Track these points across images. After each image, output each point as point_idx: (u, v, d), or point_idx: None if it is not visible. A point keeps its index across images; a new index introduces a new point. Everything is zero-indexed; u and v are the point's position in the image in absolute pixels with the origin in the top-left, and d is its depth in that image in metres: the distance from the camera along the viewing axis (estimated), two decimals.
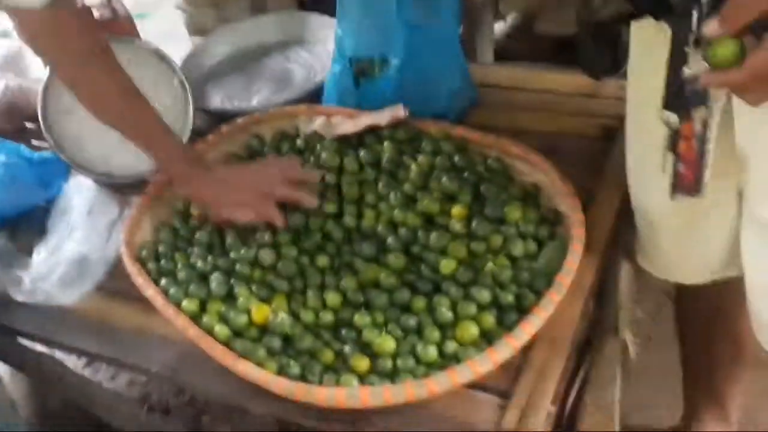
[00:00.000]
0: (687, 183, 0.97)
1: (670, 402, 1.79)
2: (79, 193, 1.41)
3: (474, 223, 1.18)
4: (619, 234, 1.27)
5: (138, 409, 1.31)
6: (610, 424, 1.17)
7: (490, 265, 1.13)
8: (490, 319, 1.07)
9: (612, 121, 1.43)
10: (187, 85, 1.48)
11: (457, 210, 1.20)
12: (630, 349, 1.67)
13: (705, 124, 0.91)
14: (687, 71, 0.86)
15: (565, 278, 1.08)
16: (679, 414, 1.73)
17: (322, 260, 1.21)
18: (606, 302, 1.28)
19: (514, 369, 1.05)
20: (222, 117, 1.57)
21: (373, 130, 1.39)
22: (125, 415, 1.30)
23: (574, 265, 1.09)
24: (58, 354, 1.31)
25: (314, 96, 1.58)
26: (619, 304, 1.32)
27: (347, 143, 1.38)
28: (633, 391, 1.80)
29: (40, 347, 1.29)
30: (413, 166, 1.30)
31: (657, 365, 1.86)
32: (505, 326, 1.07)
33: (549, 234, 1.18)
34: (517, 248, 1.14)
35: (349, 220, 1.26)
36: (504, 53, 2.27)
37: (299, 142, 1.43)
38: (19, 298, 1.26)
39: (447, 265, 1.14)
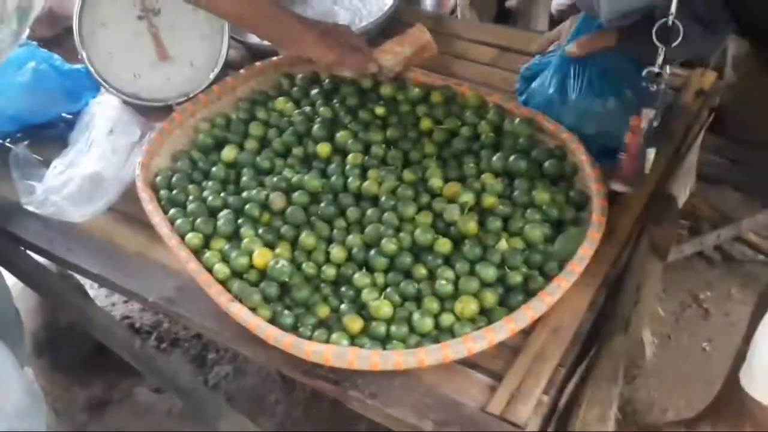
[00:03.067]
0: (624, 174, 1.09)
1: (680, 407, 1.75)
2: (104, 110, 1.38)
3: (497, 203, 1.13)
4: (645, 227, 1.22)
5: (132, 336, 1.31)
6: (606, 421, 1.13)
7: (502, 243, 1.09)
8: (491, 297, 1.03)
9: None
10: None
11: (488, 196, 1.15)
12: (646, 348, 1.62)
13: (650, 123, 1.02)
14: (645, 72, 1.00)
15: (578, 266, 1.03)
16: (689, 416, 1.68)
17: (330, 212, 1.18)
18: (621, 296, 1.23)
19: (510, 351, 1.02)
20: (258, 53, 1.53)
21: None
22: (120, 340, 1.29)
23: (589, 252, 1.05)
24: (60, 270, 1.31)
25: None
26: (636, 300, 1.26)
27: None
28: (643, 391, 1.77)
29: (43, 260, 1.29)
30: (436, 132, 1.28)
31: (673, 367, 1.81)
32: (508, 306, 1.04)
33: (572, 219, 1.13)
34: (536, 234, 1.09)
35: (366, 183, 1.21)
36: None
37: (326, 85, 1.39)
38: (30, 207, 1.25)
39: (442, 245, 1.10)
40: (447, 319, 1.02)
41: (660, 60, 1.00)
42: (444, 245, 1.09)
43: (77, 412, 1.76)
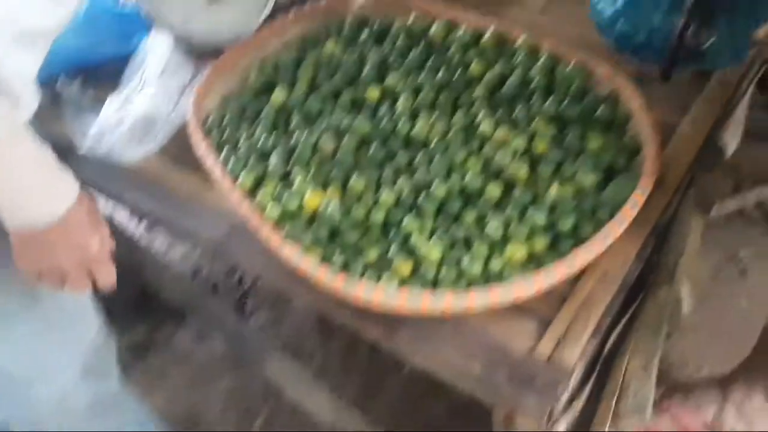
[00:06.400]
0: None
1: (715, 365, 1.75)
2: (155, 51, 1.39)
3: (549, 148, 1.13)
4: (693, 178, 1.21)
5: (182, 276, 1.34)
6: (649, 370, 1.14)
7: (554, 188, 1.08)
8: (541, 242, 1.04)
9: None
10: None
11: (540, 141, 1.14)
12: (683, 304, 1.62)
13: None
14: None
15: (630, 212, 1.03)
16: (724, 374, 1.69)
17: (380, 156, 1.18)
18: (668, 246, 1.23)
19: (558, 297, 1.02)
20: None
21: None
22: (170, 279, 1.32)
23: (641, 199, 1.04)
24: (117, 212, 1.34)
25: None
26: (681, 252, 1.26)
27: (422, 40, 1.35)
28: (679, 348, 1.77)
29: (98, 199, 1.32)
30: (487, 76, 1.26)
31: (708, 326, 1.81)
32: (558, 252, 1.04)
33: (625, 165, 1.13)
34: (588, 180, 1.09)
35: (416, 128, 1.21)
36: None
37: (376, 28, 1.39)
38: (84, 147, 1.28)
39: (493, 190, 1.10)
40: (496, 263, 1.03)
41: None
42: (494, 190, 1.10)
43: (119, 356, 1.81)
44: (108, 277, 1.00)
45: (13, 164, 0.85)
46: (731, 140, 1.34)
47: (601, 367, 1.04)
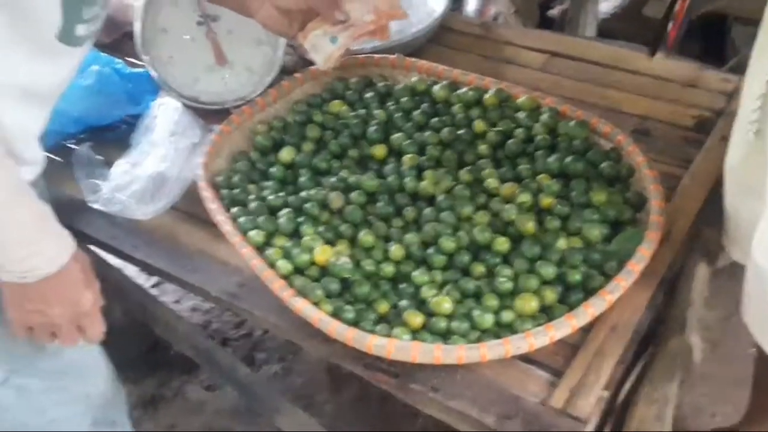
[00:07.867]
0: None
1: (728, 412, 1.74)
2: (165, 112, 1.42)
3: (555, 203, 1.15)
4: (699, 230, 1.23)
5: (193, 330, 1.34)
6: (663, 420, 1.14)
7: (561, 242, 1.10)
8: (551, 294, 1.05)
9: (708, 114, 1.38)
10: None
11: (545, 195, 1.17)
12: (695, 353, 1.63)
13: None
14: None
15: (637, 265, 1.04)
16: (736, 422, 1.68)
17: (388, 211, 1.21)
18: (677, 297, 1.24)
19: (570, 348, 1.03)
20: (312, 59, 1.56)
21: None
22: (181, 334, 1.32)
23: (648, 252, 1.06)
24: (127, 266, 1.35)
25: (407, 47, 1.55)
26: (689, 303, 1.27)
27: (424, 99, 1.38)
28: (692, 396, 1.77)
29: (109, 257, 1.33)
30: (491, 133, 1.29)
31: (721, 373, 1.81)
32: (568, 304, 1.05)
33: (630, 219, 1.14)
34: (594, 233, 1.11)
35: (422, 183, 1.23)
36: (609, 31, 2.20)
37: (380, 88, 1.42)
38: (95, 206, 1.29)
39: (501, 243, 1.12)
40: (507, 315, 1.04)
41: None
42: (503, 244, 1.11)
43: (130, 409, 1.80)
44: (97, 332, 1.03)
45: (12, 219, 0.87)
46: None
47: (616, 418, 1.04)
